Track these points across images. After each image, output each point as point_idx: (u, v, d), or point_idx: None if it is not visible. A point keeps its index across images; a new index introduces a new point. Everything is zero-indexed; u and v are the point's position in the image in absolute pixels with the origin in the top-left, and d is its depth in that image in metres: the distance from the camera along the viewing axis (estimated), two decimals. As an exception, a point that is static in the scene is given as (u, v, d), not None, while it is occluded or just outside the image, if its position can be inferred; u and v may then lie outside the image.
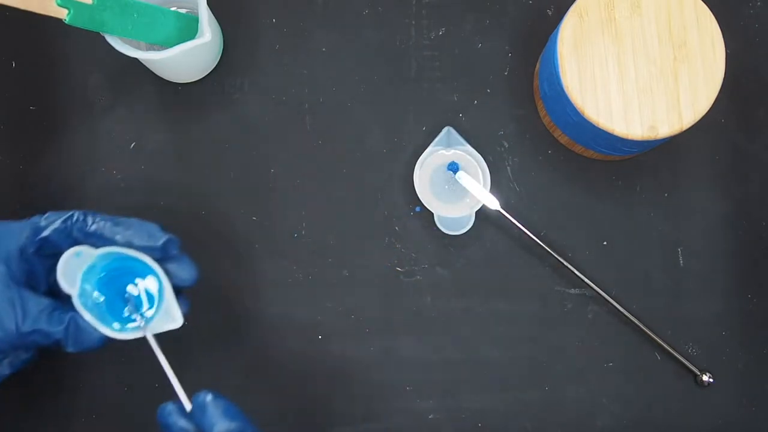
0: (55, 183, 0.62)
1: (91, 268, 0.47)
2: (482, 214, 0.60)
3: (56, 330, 0.46)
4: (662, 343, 0.58)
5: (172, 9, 0.59)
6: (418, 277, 0.61)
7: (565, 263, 0.59)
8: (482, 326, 0.60)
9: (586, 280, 0.59)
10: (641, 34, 0.54)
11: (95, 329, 0.47)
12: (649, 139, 0.53)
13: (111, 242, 0.47)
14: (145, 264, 0.47)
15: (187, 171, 0.62)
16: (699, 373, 0.59)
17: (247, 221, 0.60)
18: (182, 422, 0.46)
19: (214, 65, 0.63)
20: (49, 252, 0.48)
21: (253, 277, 0.61)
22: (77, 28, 0.50)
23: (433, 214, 0.59)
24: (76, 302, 0.46)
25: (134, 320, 0.48)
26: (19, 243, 0.48)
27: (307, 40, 0.63)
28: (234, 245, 0.61)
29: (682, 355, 0.59)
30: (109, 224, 0.48)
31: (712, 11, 0.54)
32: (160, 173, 0.62)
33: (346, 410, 0.59)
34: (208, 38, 0.55)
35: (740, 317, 0.60)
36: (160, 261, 0.48)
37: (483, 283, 0.60)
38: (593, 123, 0.53)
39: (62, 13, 0.49)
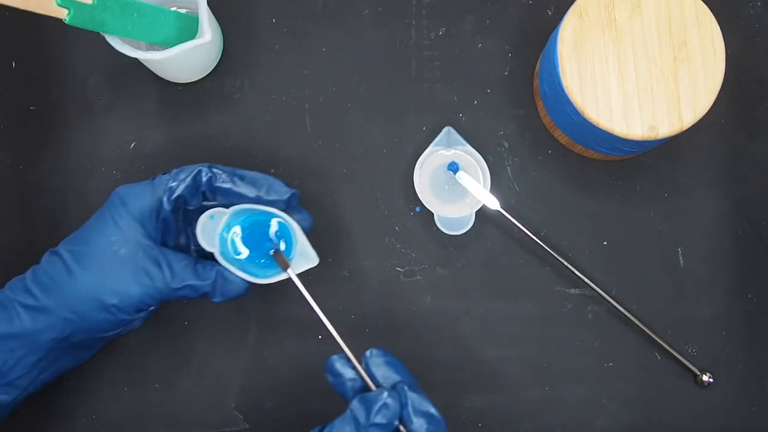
0: (55, 183, 0.62)
1: (227, 227, 0.51)
2: (482, 214, 0.60)
3: (204, 284, 0.51)
4: (662, 343, 0.58)
5: (172, 9, 0.59)
6: (418, 277, 0.61)
7: (565, 263, 0.59)
8: (482, 326, 0.60)
9: (586, 280, 0.59)
10: (641, 34, 0.54)
11: (241, 279, 0.51)
12: (649, 139, 0.53)
13: (238, 197, 0.51)
14: (273, 215, 0.52)
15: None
16: (699, 373, 0.59)
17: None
18: (351, 373, 0.48)
19: (214, 65, 0.63)
20: (179, 208, 0.52)
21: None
22: (77, 28, 0.50)
23: (433, 214, 0.59)
24: (220, 259, 0.51)
25: (274, 267, 0.52)
26: (153, 203, 0.50)
27: (307, 40, 0.63)
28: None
29: (682, 355, 0.59)
30: (236, 179, 0.51)
31: (712, 11, 0.54)
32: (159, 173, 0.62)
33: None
34: (208, 38, 0.55)
35: (740, 317, 0.60)
36: (284, 211, 0.52)
37: (483, 283, 0.60)
38: (593, 123, 0.53)
39: (62, 13, 0.49)
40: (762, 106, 0.63)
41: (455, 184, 0.59)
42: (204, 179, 0.51)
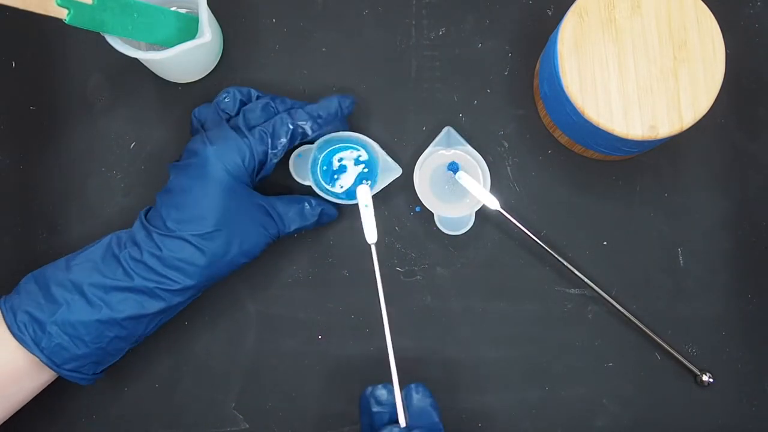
0: (55, 183, 0.62)
1: (314, 161, 0.59)
2: (482, 214, 0.60)
3: (311, 223, 0.58)
4: (662, 343, 0.58)
5: (172, 9, 0.59)
6: (418, 277, 0.61)
7: (565, 263, 0.59)
8: (482, 326, 0.60)
9: (586, 280, 0.59)
10: (641, 34, 0.54)
11: (335, 208, 0.59)
12: (650, 139, 0.53)
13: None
14: (352, 142, 0.59)
15: (187, 171, 0.62)
16: (699, 373, 0.59)
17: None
18: (391, 403, 0.52)
19: (214, 65, 0.63)
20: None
21: (253, 277, 0.61)
22: (77, 28, 0.50)
23: (433, 214, 0.59)
24: (317, 190, 0.58)
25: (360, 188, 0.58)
26: (247, 160, 0.54)
27: (307, 40, 0.63)
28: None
29: (682, 355, 0.59)
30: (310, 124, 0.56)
31: (712, 11, 0.54)
32: (160, 173, 0.62)
33: (346, 410, 0.59)
34: (208, 38, 0.55)
35: (740, 317, 0.60)
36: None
37: (483, 283, 0.60)
38: (593, 123, 0.53)
39: (62, 13, 0.49)
40: (762, 106, 0.63)
41: (455, 184, 0.59)
42: (298, 138, 0.56)
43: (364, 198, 0.57)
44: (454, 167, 0.59)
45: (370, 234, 0.56)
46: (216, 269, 0.54)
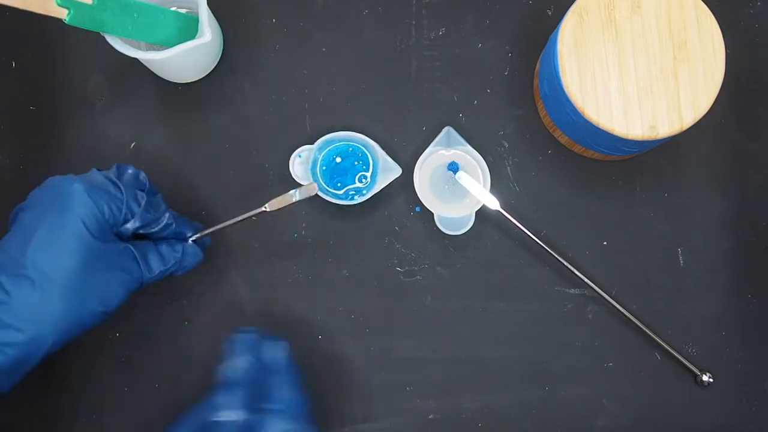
0: (55, 183, 0.62)
1: (314, 162, 0.59)
2: (482, 214, 0.60)
3: (171, 267, 0.52)
4: (662, 343, 0.58)
5: (172, 9, 0.59)
6: (418, 277, 0.61)
7: (565, 263, 0.59)
8: (482, 326, 0.60)
9: (586, 280, 0.59)
10: (641, 34, 0.54)
11: (197, 251, 0.54)
12: (650, 139, 0.53)
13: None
14: (352, 142, 0.59)
15: (187, 171, 0.62)
16: (699, 373, 0.59)
17: (247, 221, 0.60)
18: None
19: (214, 65, 0.63)
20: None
21: (253, 277, 0.61)
22: (77, 28, 0.50)
23: (433, 214, 0.59)
24: (318, 192, 0.56)
25: (360, 189, 0.59)
26: (101, 212, 0.48)
27: (307, 40, 0.63)
28: (234, 245, 0.61)
29: (682, 355, 0.59)
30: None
31: (712, 11, 0.54)
32: (160, 173, 0.61)
33: (346, 410, 0.59)
34: (208, 38, 0.55)
35: (740, 317, 0.60)
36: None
37: (483, 283, 0.60)
38: (593, 123, 0.53)
39: (62, 13, 0.49)
40: (762, 106, 0.63)
41: (455, 184, 0.59)
42: (161, 225, 0.52)
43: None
44: (454, 167, 0.59)
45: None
46: (72, 317, 0.47)
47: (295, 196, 0.54)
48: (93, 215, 0.47)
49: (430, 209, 0.59)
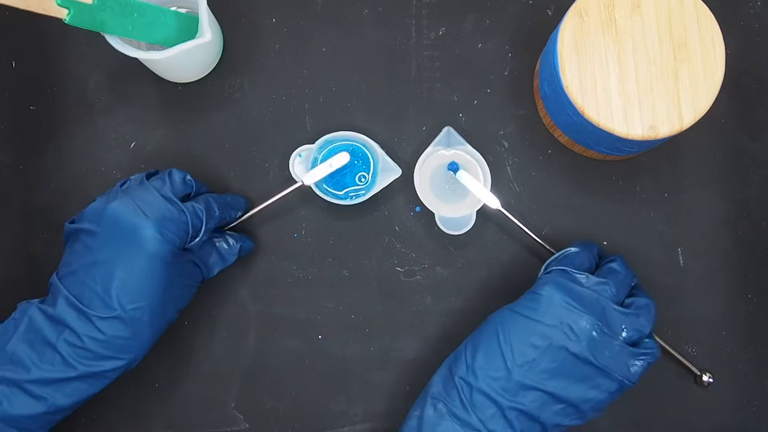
0: (55, 183, 0.62)
1: (314, 161, 0.59)
2: (482, 213, 0.60)
3: (232, 262, 0.58)
4: (662, 343, 0.58)
5: (172, 9, 0.59)
6: (418, 277, 0.61)
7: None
8: (482, 326, 0.60)
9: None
10: (641, 34, 0.54)
11: (250, 241, 0.60)
12: (650, 139, 0.53)
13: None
14: (352, 142, 0.59)
15: (188, 170, 0.61)
16: (699, 373, 0.59)
17: (246, 221, 0.60)
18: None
19: (214, 65, 0.63)
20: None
21: (253, 277, 0.61)
22: (77, 28, 0.50)
23: (433, 213, 0.59)
24: (317, 190, 0.58)
25: (360, 189, 0.59)
26: (177, 234, 0.52)
27: (307, 40, 0.63)
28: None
29: (682, 355, 0.59)
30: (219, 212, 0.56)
31: (712, 11, 0.54)
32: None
33: (346, 410, 0.59)
34: (208, 38, 0.55)
35: (740, 317, 0.60)
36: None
37: (483, 283, 0.60)
38: (593, 123, 0.53)
39: (62, 13, 0.49)
40: (762, 106, 0.63)
41: (456, 183, 0.59)
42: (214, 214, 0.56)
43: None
44: (454, 167, 0.59)
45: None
46: (157, 333, 0.53)
47: (330, 166, 0.58)
48: (167, 250, 0.51)
49: (431, 209, 0.59)
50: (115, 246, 0.50)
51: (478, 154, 0.59)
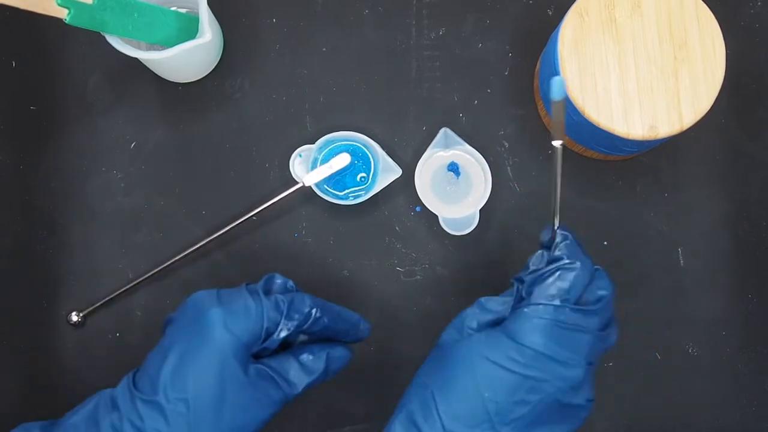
0: (55, 183, 0.62)
1: (314, 161, 0.59)
2: (484, 213, 0.60)
3: (318, 376, 0.48)
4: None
5: (172, 9, 0.59)
6: (418, 277, 0.61)
7: None
8: (482, 326, 0.60)
9: None
10: (642, 34, 0.54)
11: (346, 350, 0.50)
12: (650, 139, 0.53)
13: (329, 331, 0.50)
14: (352, 142, 0.59)
15: (187, 171, 0.62)
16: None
17: (246, 221, 0.60)
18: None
19: (215, 65, 0.63)
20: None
21: (253, 277, 0.61)
22: (77, 28, 0.50)
23: (433, 213, 0.59)
24: (317, 190, 0.58)
25: (360, 189, 0.59)
26: (257, 333, 0.47)
27: (307, 40, 0.63)
28: (235, 245, 0.61)
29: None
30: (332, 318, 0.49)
31: (712, 11, 0.54)
32: (160, 173, 0.62)
33: (346, 410, 0.59)
34: (208, 38, 0.55)
35: (740, 317, 0.60)
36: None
37: (483, 283, 0.60)
38: (593, 123, 0.53)
39: (62, 13, 0.49)
40: (762, 106, 0.63)
41: (457, 184, 0.59)
42: (309, 322, 0.48)
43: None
44: (454, 167, 0.59)
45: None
46: None
47: (330, 167, 0.57)
48: (229, 341, 0.45)
49: (434, 212, 0.59)
50: (181, 331, 0.47)
51: (478, 153, 0.59)
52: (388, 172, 0.59)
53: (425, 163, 0.59)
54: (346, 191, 0.59)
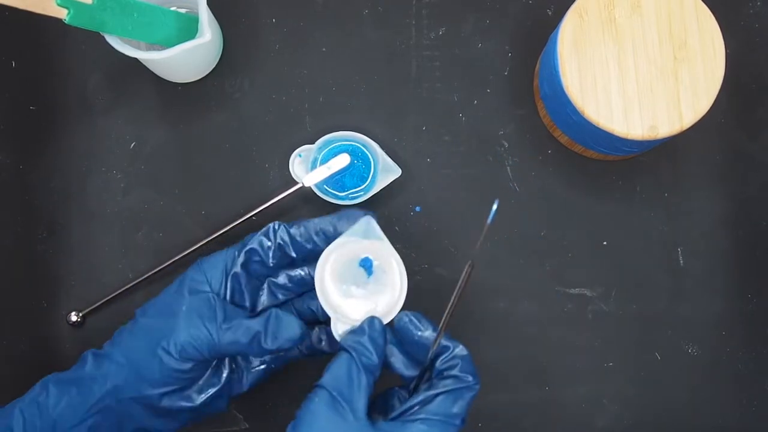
0: (55, 183, 0.62)
1: (314, 161, 0.58)
2: (484, 213, 0.60)
3: (254, 323, 0.49)
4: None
5: (172, 9, 0.59)
6: (418, 277, 0.61)
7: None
8: (482, 326, 0.60)
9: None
10: (641, 34, 0.54)
11: (296, 321, 0.49)
12: (650, 139, 0.53)
13: (313, 243, 0.51)
14: (351, 142, 0.59)
15: (187, 171, 0.62)
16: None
17: (246, 221, 0.60)
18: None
19: (214, 65, 0.63)
20: (255, 271, 0.51)
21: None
22: (77, 28, 0.50)
23: (434, 214, 0.59)
24: (317, 191, 0.58)
25: (359, 189, 0.59)
26: (224, 258, 0.51)
27: (307, 40, 0.63)
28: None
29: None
30: (306, 226, 0.51)
31: (712, 11, 0.54)
32: (160, 173, 0.62)
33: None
34: (208, 38, 0.55)
35: (740, 317, 0.60)
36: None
37: (483, 283, 0.60)
38: (593, 123, 0.53)
39: (62, 13, 0.49)
40: (762, 106, 0.63)
41: (365, 285, 0.50)
42: (274, 230, 0.51)
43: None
44: (367, 264, 0.50)
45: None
46: (134, 346, 0.50)
47: (330, 168, 0.57)
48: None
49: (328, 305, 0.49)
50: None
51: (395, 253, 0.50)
52: (387, 172, 0.59)
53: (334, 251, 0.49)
54: (346, 192, 0.59)
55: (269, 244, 0.50)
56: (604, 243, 0.61)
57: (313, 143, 0.59)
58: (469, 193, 0.61)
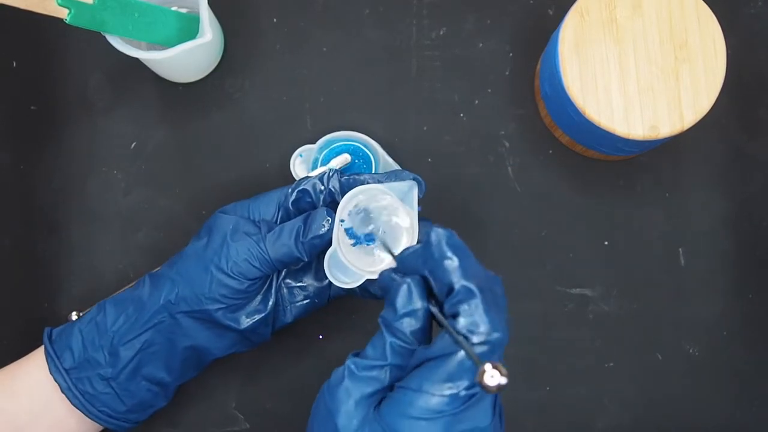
0: (55, 183, 0.62)
1: (315, 161, 0.59)
2: (483, 214, 0.60)
3: (296, 219, 0.51)
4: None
5: (173, 9, 0.59)
6: (419, 277, 0.61)
7: None
8: (483, 326, 0.60)
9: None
10: (642, 34, 0.54)
11: (322, 211, 0.50)
12: (650, 139, 0.53)
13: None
14: (352, 142, 0.59)
15: (188, 171, 0.62)
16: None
17: (247, 221, 0.60)
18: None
19: (215, 65, 0.63)
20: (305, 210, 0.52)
21: (253, 277, 0.61)
22: (78, 28, 0.50)
23: (434, 215, 0.59)
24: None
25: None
26: (278, 195, 0.53)
27: (307, 40, 0.63)
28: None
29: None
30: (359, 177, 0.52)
31: (713, 11, 0.54)
32: (160, 173, 0.62)
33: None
34: (208, 38, 0.55)
35: (740, 317, 0.60)
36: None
37: (483, 283, 0.60)
38: (594, 123, 0.53)
39: (63, 13, 0.49)
40: (762, 106, 0.63)
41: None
42: (328, 177, 0.52)
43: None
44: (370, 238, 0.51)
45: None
46: (188, 263, 0.51)
47: (331, 168, 0.55)
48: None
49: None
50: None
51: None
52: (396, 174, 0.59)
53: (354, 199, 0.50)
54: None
55: (321, 188, 0.52)
56: (605, 243, 0.61)
57: (314, 143, 0.59)
58: (470, 193, 0.61)
